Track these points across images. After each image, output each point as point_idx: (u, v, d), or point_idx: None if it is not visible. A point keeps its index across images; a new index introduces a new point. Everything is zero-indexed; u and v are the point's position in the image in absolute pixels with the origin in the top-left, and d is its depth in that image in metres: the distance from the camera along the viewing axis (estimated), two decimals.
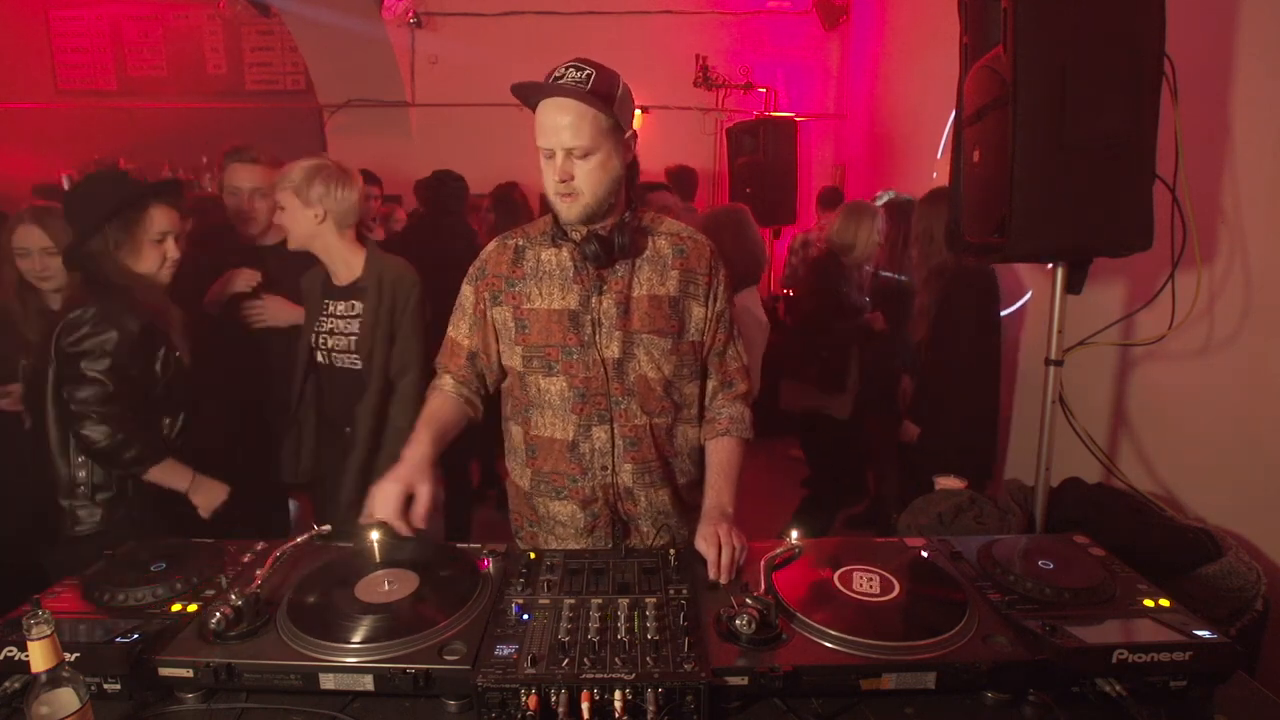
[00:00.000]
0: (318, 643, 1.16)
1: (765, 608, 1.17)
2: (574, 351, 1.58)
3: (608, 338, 1.57)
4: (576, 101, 1.43)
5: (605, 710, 1.04)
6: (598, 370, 1.57)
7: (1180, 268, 1.89)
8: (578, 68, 1.44)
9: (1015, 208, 1.71)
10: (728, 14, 6.85)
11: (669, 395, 1.63)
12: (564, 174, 1.46)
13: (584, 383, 1.58)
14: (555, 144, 1.45)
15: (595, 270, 1.56)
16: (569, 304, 1.57)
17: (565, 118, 1.43)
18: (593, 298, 1.56)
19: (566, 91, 1.42)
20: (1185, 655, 1.11)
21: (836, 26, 6.69)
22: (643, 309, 1.58)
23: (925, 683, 1.12)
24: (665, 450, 1.66)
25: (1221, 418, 2.03)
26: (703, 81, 6.53)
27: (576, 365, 1.58)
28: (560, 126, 1.44)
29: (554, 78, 1.44)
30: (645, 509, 1.66)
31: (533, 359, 1.61)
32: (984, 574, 1.37)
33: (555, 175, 1.47)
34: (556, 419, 1.62)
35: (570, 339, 1.58)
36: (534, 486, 1.68)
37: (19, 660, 1.13)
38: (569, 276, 1.58)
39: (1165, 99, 1.68)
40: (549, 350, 1.59)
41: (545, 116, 1.45)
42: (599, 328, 1.57)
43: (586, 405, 1.59)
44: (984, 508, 2.05)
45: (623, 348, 1.57)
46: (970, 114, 1.96)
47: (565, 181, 1.47)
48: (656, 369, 1.60)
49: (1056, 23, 1.65)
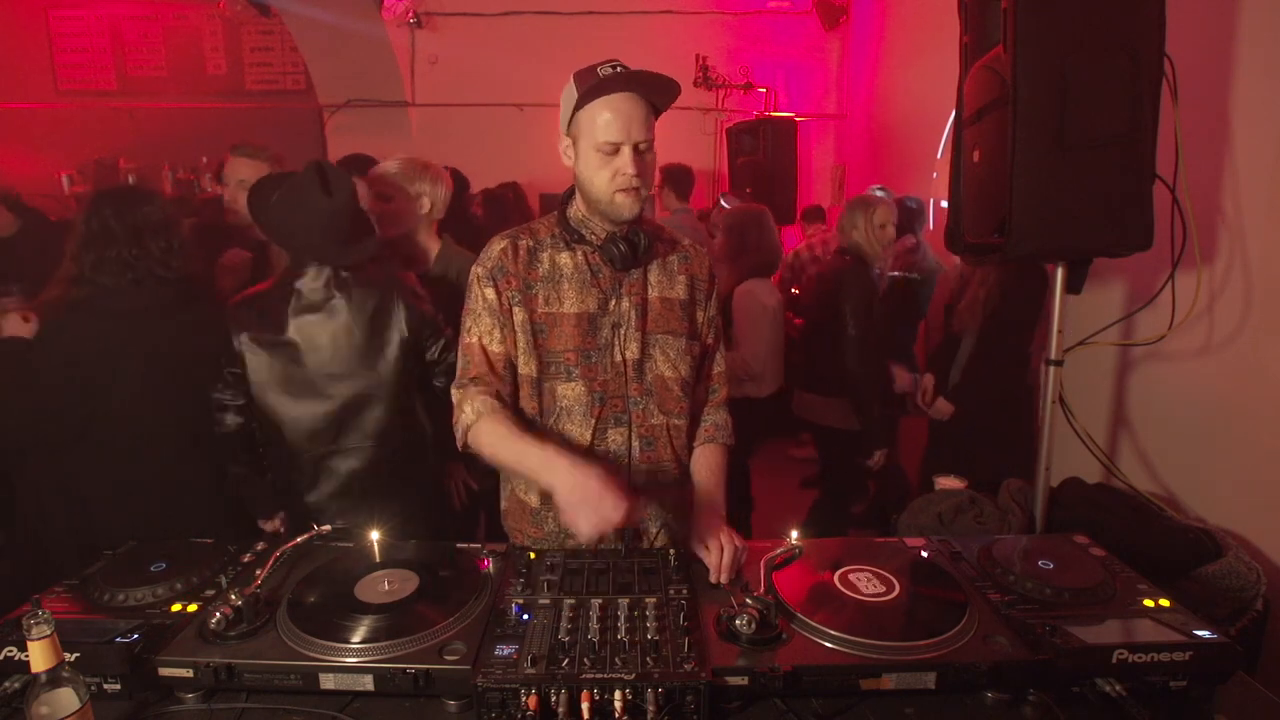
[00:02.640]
0: (318, 643, 1.16)
1: (765, 608, 1.17)
2: (592, 355, 1.55)
3: (627, 340, 1.56)
4: (638, 95, 1.43)
5: (605, 710, 1.04)
6: (616, 372, 1.56)
7: (1180, 268, 1.89)
8: (623, 65, 1.42)
9: (1015, 208, 1.71)
10: (728, 14, 6.85)
11: (686, 395, 1.63)
12: (638, 167, 1.45)
13: (602, 385, 1.56)
14: (627, 138, 1.43)
15: (612, 273, 1.55)
16: (588, 307, 1.55)
17: (638, 110, 1.43)
18: (611, 300, 1.55)
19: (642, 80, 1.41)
20: (1185, 655, 1.11)
21: (836, 26, 6.69)
22: (656, 310, 1.59)
23: (925, 683, 1.12)
24: (682, 452, 1.65)
25: (1221, 418, 2.03)
26: (703, 81, 6.53)
27: (595, 368, 1.56)
28: (634, 119, 1.42)
29: (606, 74, 1.40)
30: (656, 511, 1.65)
31: (551, 365, 1.56)
32: (984, 574, 1.37)
33: (629, 168, 1.44)
34: (573, 424, 1.56)
35: (589, 343, 1.55)
36: (544, 502, 1.59)
37: (19, 660, 1.13)
38: (586, 280, 1.55)
39: (1165, 99, 1.68)
40: (567, 355, 1.55)
41: (618, 109, 1.42)
42: (618, 330, 1.56)
43: (604, 408, 1.57)
44: (984, 508, 2.05)
45: (641, 348, 1.57)
46: (970, 114, 1.96)
47: (639, 176, 1.46)
48: (673, 368, 1.60)
49: (1056, 23, 1.65)
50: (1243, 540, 1.85)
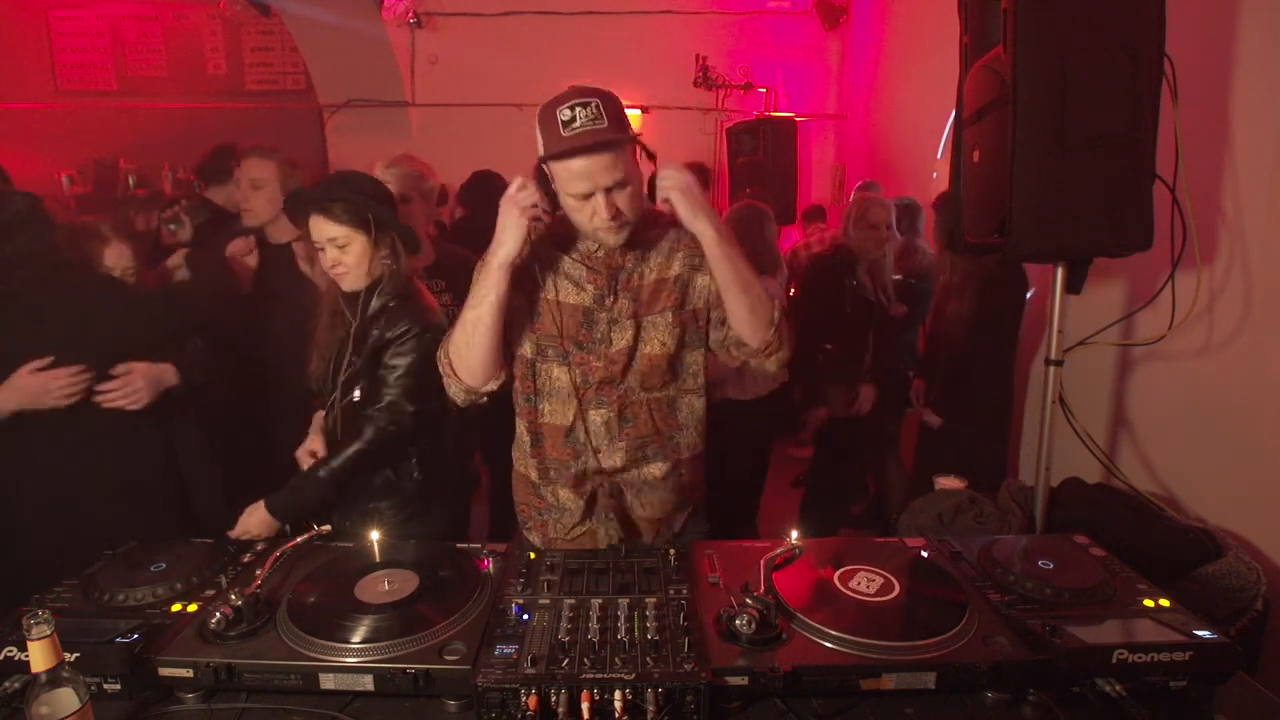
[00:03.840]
0: (318, 643, 1.16)
1: (765, 608, 1.17)
2: (586, 345, 1.61)
3: (622, 330, 1.59)
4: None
5: (605, 710, 1.04)
6: (609, 361, 1.60)
7: (1180, 268, 1.89)
8: (584, 104, 1.37)
9: (1015, 208, 1.71)
10: (728, 14, 6.84)
11: (670, 367, 1.64)
12: (612, 209, 1.45)
13: (592, 372, 1.61)
14: (595, 187, 1.43)
15: (609, 272, 1.59)
16: (584, 301, 1.60)
17: (599, 161, 1.41)
18: (607, 297, 1.59)
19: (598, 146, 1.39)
20: (1185, 655, 1.11)
21: (836, 26, 6.68)
22: (650, 293, 1.60)
23: (925, 683, 1.12)
24: (666, 424, 1.66)
25: (1221, 418, 2.03)
26: (703, 81, 6.52)
27: (588, 357, 1.61)
28: (597, 169, 1.41)
29: (566, 122, 1.37)
30: (640, 487, 1.68)
31: (546, 348, 1.63)
32: (984, 574, 1.37)
33: (604, 212, 1.45)
34: (559, 405, 1.64)
35: (584, 335, 1.61)
36: (541, 476, 1.70)
37: (19, 660, 1.13)
38: (583, 276, 1.60)
39: (1165, 99, 1.68)
40: (562, 342, 1.61)
41: (578, 164, 1.41)
42: (615, 325, 1.59)
43: (589, 390, 1.62)
44: (984, 508, 2.05)
45: (635, 334, 1.60)
46: (970, 114, 1.96)
47: (615, 218, 1.47)
48: (662, 344, 1.62)
49: (1056, 23, 1.65)
50: (1243, 540, 1.85)
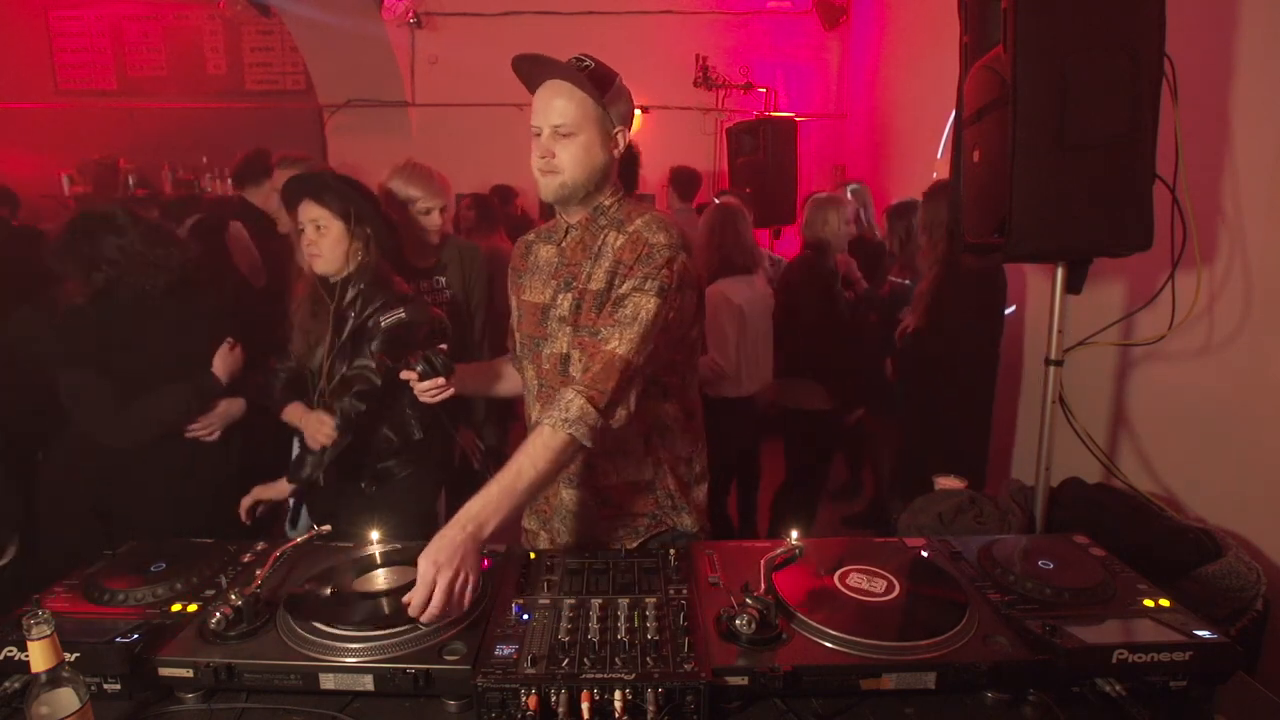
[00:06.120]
0: (318, 643, 1.16)
1: (765, 608, 1.17)
2: (541, 344, 1.62)
3: (559, 333, 1.58)
4: (569, 84, 1.47)
5: (605, 710, 1.04)
6: (553, 364, 1.60)
7: (1180, 268, 1.89)
8: (580, 59, 1.49)
9: (1015, 208, 1.71)
10: (728, 14, 6.84)
11: None
12: (546, 150, 1.49)
13: (544, 374, 1.63)
14: (543, 122, 1.49)
15: (567, 267, 1.58)
16: (543, 298, 1.61)
17: (557, 98, 1.48)
18: (559, 294, 1.58)
19: (560, 72, 1.47)
20: (1185, 655, 1.11)
21: (836, 26, 6.68)
22: (588, 304, 1.53)
23: (925, 683, 1.12)
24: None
25: (1221, 418, 2.03)
26: (703, 81, 6.52)
27: (542, 357, 1.62)
28: (549, 104, 1.48)
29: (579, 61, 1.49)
30: (556, 508, 1.65)
31: (523, 346, 1.68)
32: (984, 574, 1.37)
33: (538, 151, 1.51)
34: (531, 400, 1.69)
35: (539, 331, 1.62)
36: None
37: (19, 660, 1.13)
38: (549, 272, 1.62)
39: (1165, 99, 1.68)
40: (526, 341, 1.66)
41: (539, 97, 1.51)
42: (561, 324, 1.58)
43: (543, 394, 1.62)
44: (984, 508, 2.05)
45: (568, 344, 1.57)
46: (970, 114, 1.96)
47: (546, 158, 1.50)
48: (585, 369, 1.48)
49: (1056, 23, 1.65)
50: (1243, 540, 1.85)
